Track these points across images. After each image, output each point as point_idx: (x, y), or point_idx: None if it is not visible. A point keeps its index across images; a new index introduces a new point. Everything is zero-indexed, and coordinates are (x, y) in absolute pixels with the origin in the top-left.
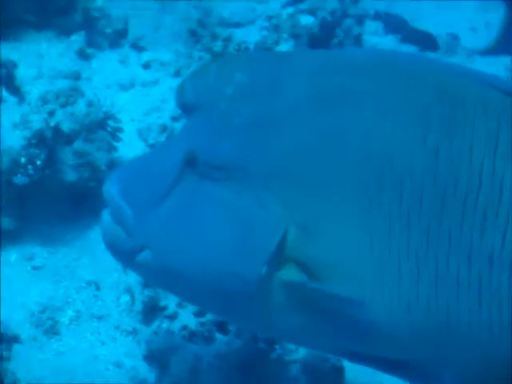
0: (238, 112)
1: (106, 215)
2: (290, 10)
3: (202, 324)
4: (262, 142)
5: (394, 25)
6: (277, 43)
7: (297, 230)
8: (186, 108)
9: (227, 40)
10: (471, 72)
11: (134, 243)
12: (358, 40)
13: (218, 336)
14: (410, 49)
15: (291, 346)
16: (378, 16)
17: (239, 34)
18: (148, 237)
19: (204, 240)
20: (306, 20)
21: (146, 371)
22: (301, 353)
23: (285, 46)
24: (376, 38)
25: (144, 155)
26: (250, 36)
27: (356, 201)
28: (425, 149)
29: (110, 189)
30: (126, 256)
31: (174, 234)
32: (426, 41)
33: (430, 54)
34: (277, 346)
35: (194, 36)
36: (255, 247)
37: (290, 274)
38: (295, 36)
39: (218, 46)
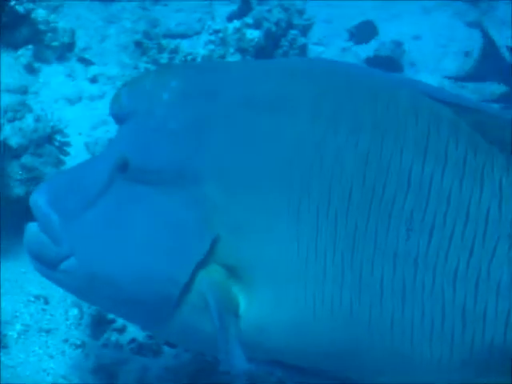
0: (173, 117)
1: (31, 226)
2: (237, 23)
3: (151, 337)
4: (196, 146)
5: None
6: (223, 57)
7: (227, 233)
8: (120, 116)
9: (174, 52)
10: (404, 81)
11: (60, 251)
12: (303, 50)
13: (166, 349)
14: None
15: None
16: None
17: (185, 46)
18: (74, 243)
19: (132, 243)
20: (252, 34)
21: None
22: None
23: (232, 60)
24: (321, 48)
25: (75, 166)
26: (197, 48)
27: (285, 204)
28: (355, 152)
29: (37, 198)
30: (50, 264)
31: (101, 239)
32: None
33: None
34: None
35: (140, 48)
36: (184, 250)
37: (213, 280)
38: (242, 50)
39: (164, 57)
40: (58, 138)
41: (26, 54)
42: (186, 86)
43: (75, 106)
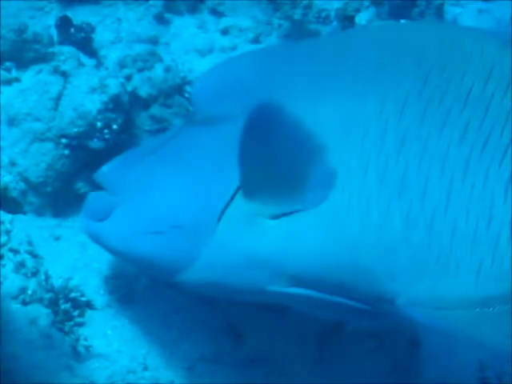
0: (250, 72)
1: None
2: None
3: None
4: (269, 79)
5: None
6: (358, 11)
7: None
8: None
9: (307, 8)
10: (475, 28)
11: (114, 199)
12: (439, 10)
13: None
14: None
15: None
16: None
17: (319, 2)
18: (127, 187)
19: (182, 168)
20: None
21: (221, 340)
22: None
23: (366, 14)
24: (458, 9)
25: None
26: (331, 4)
27: (337, 111)
28: (416, 72)
29: (102, 168)
30: (102, 216)
31: (151, 175)
32: None
33: None
34: None
35: (272, 3)
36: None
37: None
38: (376, 4)
39: (297, 13)
40: (188, 89)
41: (156, 4)
42: (266, 52)
43: (206, 58)
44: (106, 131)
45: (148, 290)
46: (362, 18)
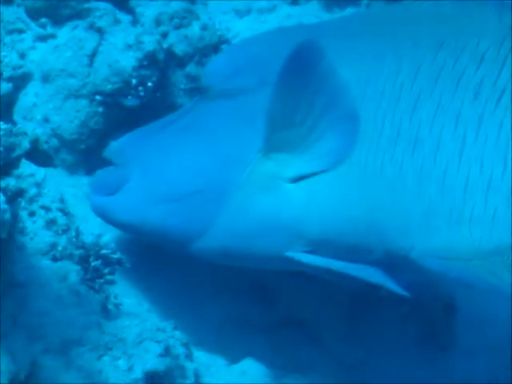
0: (265, 49)
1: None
2: None
3: None
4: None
5: None
6: None
7: None
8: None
9: None
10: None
11: (126, 172)
12: None
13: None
14: None
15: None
16: None
17: None
18: (140, 160)
19: (200, 137)
20: None
21: (251, 303)
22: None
23: None
24: None
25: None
26: None
27: (353, 74)
28: (431, 37)
29: (111, 144)
30: (112, 189)
31: (167, 147)
32: None
33: None
34: None
35: None
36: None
37: None
38: None
39: None
40: (225, 48)
41: None
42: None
43: (244, 19)
44: (140, 88)
45: None
46: None
